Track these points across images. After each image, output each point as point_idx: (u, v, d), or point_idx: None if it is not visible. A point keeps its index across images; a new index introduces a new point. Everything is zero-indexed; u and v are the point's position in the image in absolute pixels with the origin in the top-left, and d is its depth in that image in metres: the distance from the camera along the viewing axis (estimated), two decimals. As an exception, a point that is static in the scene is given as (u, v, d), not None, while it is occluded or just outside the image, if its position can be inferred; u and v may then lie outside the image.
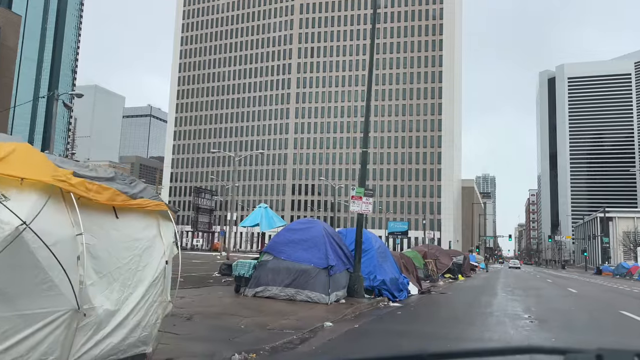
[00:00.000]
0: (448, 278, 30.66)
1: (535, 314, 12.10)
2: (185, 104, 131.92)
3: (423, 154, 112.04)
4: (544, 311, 13.16)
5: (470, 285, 25.48)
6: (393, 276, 15.23)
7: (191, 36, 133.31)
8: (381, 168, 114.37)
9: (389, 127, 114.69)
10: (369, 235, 15.60)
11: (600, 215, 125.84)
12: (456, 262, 35.53)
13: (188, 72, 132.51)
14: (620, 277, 56.25)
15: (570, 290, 23.12)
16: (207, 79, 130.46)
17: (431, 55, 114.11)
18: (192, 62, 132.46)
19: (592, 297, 19.73)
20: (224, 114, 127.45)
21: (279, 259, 11.87)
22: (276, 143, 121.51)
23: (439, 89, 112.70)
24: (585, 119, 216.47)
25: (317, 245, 11.95)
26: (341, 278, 12.19)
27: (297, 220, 15.16)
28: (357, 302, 12.12)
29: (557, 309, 14.04)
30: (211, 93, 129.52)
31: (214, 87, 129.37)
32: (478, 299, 16.35)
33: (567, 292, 21.71)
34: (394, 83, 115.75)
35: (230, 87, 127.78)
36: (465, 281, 30.29)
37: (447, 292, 18.67)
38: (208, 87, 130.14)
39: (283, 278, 11.60)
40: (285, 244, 12.10)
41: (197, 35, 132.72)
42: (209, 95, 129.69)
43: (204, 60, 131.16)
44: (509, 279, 35.77)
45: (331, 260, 11.61)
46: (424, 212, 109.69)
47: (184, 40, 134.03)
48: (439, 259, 30.72)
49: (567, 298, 18.36)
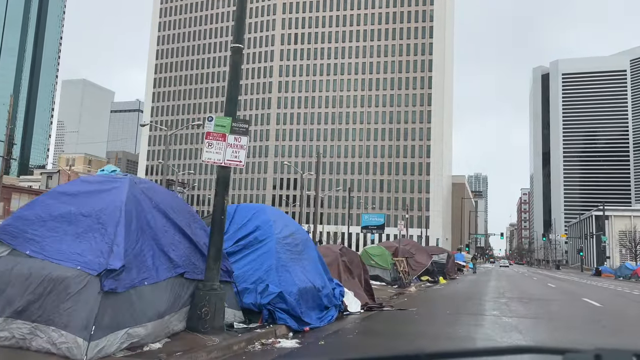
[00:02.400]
0: (425, 281, 24.53)
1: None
2: (161, 92, 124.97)
3: (411, 147, 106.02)
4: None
5: (449, 293, 19.27)
6: (309, 285, 8.98)
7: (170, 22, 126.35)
8: (367, 161, 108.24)
9: (376, 118, 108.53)
10: (267, 212, 9.38)
11: (596, 214, 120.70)
12: (438, 261, 29.46)
13: (165, 59, 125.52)
14: (624, 279, 50.70)
15: (591, 303, 16.17)
16: (184, 67, 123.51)
17: (421, 43, 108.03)
18: (169, 49, 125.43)
19: (633, 317, 13.50)
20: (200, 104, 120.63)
21: (20, 255, 5.58)
22: (257, 135, 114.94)
23: (428, 78, 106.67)
24: (580, 116, 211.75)
25: (103, 226, 5.67)
26: (156, 296, 5.86)
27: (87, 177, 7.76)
28: (199, 347, 5.89)
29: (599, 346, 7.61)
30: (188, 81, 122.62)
31: (191, 76, 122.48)
32: (453, 324, 10.08)
33: (586, 306, 15.27)
34: (381, 72, 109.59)
35: (208, 75, 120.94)
36: (446, 285, 24.10)
37: (410, 308, 12.41)
38: (185, 75, 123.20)
39: (13, 297, 5.31)
40: (43, 222, 5.81)
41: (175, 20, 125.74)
42: (186, 83, 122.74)
43: (181, 47, 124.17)
44: (501, 282, 29.66)
45: (116, 258, 5.33)
46: (412, 209, 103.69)
47: (161, 25, 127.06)
48: (415, 257, 24.57)
49: (596, 320, 11.87)
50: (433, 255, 29.80)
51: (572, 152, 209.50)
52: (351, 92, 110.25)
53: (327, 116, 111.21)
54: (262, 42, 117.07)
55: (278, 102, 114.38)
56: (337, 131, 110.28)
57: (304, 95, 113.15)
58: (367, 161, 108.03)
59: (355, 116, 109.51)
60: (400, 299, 14.93)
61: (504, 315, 11.44)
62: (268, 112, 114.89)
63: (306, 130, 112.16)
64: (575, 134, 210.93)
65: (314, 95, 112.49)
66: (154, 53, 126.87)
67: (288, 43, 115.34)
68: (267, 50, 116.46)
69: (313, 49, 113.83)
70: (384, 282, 20.12)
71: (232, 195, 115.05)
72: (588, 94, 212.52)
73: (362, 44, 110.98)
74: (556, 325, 10.50)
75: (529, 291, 21.60)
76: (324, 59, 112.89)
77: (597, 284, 34.46)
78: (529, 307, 13.77)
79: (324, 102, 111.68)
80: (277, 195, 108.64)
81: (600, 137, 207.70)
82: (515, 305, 14.22)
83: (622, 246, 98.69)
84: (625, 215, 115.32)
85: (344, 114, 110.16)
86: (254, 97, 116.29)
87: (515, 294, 18.93)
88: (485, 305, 14.01)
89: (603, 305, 15.58)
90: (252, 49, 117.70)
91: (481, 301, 15.38)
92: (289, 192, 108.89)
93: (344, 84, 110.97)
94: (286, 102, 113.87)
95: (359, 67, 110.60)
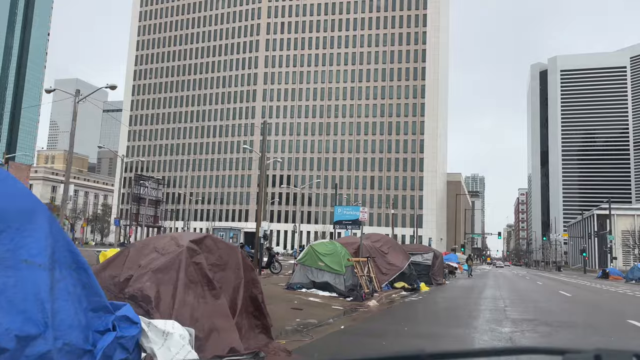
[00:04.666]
0: (401, 288, 18.51)
1: None
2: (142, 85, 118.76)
3: (404, 141, 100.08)
4: None
5: (423, 312, 13.09)
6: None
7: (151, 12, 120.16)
8: (357, 157, 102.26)
9: (367, 111, 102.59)
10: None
11: (598, 212, 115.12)
12: (421, 262, 23.46)
13: (147, 50, 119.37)
14: (637, 283, 44.92)
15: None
16: (165, 58, 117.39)
17: (414, 32, 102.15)
18: (152, 39, 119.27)
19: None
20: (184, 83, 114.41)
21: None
22: (241, 129, 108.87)
23: (422, 69, 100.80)
24: (578, 113, 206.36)
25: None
26: None
27: None
28: None
29: None
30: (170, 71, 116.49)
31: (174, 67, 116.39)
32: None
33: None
34: (372, 63, 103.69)
35: (192, 66, 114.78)
36: (426, 295, 17.98)
37: (320, 357, 6.31)
38: (167, 66, 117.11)
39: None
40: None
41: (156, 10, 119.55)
42: (168, 75, 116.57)
43: (164, 37, 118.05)
44: (501, 289, 23.58)
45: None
46: (404, 207, 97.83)
47: (142, 14, 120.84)
48: (387, 258, 18.56)
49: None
50: (413, 256, 23.78)
51: (571, 151, 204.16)
52: (340, 83, 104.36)
53: (314, 109, 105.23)
54: (247, 32, 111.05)
55: (263, 94, 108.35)
56: (326, 125, 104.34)
57: (290, 88, 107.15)
58: (357, 157, 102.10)
59: (345, 109, 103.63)
60: (335, 325, 8.95)
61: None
62: (253, 105, 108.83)
63: (293, 124, 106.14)
64: (574, 132, 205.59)
65: (302, 87, 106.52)
66: (134, 44, 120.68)
67: (274, 32, 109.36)
68: (252, 40, 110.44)
69: (300, 39, 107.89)
70: (335, 292, 14.13)
71: (217, 192, 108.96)
72: (587, 91, 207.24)
73: (352, 33, 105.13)
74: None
75: (542, 305, 15.53)
76: (311, 49, 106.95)
77: (617, 290, 28.49)
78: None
79: (312, 95, 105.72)
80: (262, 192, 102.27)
81: (600, 135, 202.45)
82: (532, 340, 8.15)
83: (626, 246, 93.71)
84: (629, 214, 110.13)
85: (333, 106, 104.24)
86: (238, 89, 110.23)
87: (524, 313, 12.81)
88: (476, 341, 7.86)
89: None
90: (236, 38, 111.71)
91: (469, 330, 9.31)
92: (274, 189, 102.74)
93: (332, 75, 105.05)
94: (272, 94, 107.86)
95: (349, 57, 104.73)
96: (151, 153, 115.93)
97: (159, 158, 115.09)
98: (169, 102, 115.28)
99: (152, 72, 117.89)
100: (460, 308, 13.47)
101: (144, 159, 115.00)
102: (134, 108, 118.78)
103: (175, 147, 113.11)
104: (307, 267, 14.73)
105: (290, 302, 11.81)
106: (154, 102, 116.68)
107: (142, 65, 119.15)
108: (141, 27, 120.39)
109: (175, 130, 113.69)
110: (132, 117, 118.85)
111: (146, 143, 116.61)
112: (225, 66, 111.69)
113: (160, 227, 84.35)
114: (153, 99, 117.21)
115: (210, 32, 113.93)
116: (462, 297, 18.20)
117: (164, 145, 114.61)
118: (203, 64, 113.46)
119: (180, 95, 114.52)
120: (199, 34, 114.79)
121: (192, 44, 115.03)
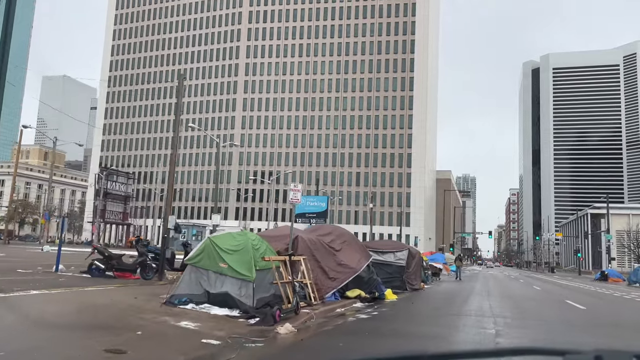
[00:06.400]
0: (355, 298, 13.60)
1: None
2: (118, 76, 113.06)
3: (391, 136, 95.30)
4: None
5: (353, 350, 7.88)
6: None
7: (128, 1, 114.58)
8: (342, 152, 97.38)
9: (352, 104, 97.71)
10: None
11: (592, 212, 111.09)
12: (391, 262, 18.62)
13: (124, 39, 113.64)
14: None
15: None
16: (143, 48, 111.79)
17: (402, 22, 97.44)
18: (129, 28, 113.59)
19: None
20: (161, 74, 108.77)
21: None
22: (221, 121, 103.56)
23: (410, 60, 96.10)
24: (571, 112, 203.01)
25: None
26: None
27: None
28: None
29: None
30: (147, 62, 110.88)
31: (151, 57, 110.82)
32: None
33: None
34: (359, 54, 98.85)
35: (170, 56, 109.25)
36: (383, 312, 12.45)
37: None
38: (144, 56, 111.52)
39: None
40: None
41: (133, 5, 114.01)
42: (145, 66, 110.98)
43: (140, 26, 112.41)
44: (493, 300, 18.55)
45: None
46: (391, 204, 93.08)
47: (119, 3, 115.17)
48: (337, 256, 13.65)
49: None
50: (383, 254, 18.87)
51: (563, 150, 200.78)
52: (325, 75, 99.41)
53: (297, 102, 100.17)
54: (228, 21, 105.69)
55: (245, 85, 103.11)
56: (310, 118, 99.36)
57: (273, 79, 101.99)
58: (343, 152, 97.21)
59: (330, 102, 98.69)
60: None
61: None
62: (234, 97, 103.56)
63: (275, 117, 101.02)
64: (566, 131, 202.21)
65: (284, 79, 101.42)
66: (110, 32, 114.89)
67: (257, 21, 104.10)
68: (233, 29, 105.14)
69: (284, 28, 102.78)
70: (238, 308, 9.17)
71: (195, 189, 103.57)
72: (580, 90, 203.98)
73: (337, 22, 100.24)
74: None
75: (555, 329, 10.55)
76: (295, 39, 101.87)
77: (631, 296, 23.79)
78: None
79: (295, 87, 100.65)
80: (243, 189, 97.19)
81: (592, 134, 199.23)
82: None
83: (621, 246, 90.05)
84: (623, 213, 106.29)
85: (317, 99, 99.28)
86: (218, 80, 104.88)
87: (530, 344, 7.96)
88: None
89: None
90: (217, 27, 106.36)
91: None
92: (255, 186, 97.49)
93: (317, 66, 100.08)
94: (253, 86, 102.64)
95: (334, 48, 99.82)
96: (127, 148, 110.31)
97: (135, 152, 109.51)
98: (146, 93, 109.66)
99: (129, 62, 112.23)
100: (424, 338, 8.53)
101: (114, 154, 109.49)
102: (110, 100, 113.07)
103: (152, 141, 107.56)
104: (201, 271, 9.77)
105: (134, 330, 6.89)
106: (130, 95, 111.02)
107: (118, 55, 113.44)
108: (118, 15, 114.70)
109: (152, 124, 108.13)
110: (108, 109, 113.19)
111: (122, 137, 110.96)
112: (205, 57, 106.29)
113: (130, 225, 78.94)
114: (129, 90, 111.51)
115: (189, 20, 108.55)
116: (436, 311, 13.25)
117: (140, 140, 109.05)
118: (182, 54, 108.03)
119: (158, 87, 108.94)
120: (177, 22, 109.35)
121: (171, 34, 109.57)
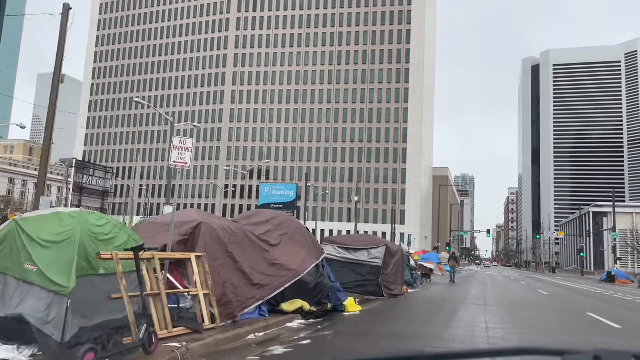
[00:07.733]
0: (294, 312, 9.36)
1: None
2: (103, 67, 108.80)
3: (385, 129, 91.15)
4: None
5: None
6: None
7: None
8: (334, 147, 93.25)
9: (345, 97, 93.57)
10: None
11: (594, 210, 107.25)
12: (363, 262, 14.52)
13: (108, 29, 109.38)
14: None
15: None
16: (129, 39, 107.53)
17: (398, 11, 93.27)
18: (114, 18, 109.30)
19: None
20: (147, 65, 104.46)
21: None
22: (209, 115, 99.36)
23: (406, 51, 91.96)
24: (571, 109, 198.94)
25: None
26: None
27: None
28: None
29: None
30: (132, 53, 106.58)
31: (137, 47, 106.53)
32: None
33: None
34: (352, 44, 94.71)
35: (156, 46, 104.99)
36: (310, 343, 7.96)
37: None
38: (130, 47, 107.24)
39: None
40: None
41: None
42: (131, 57, 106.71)
43: (126, 15, 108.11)
44: (488, 312, 14.25)
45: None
46: (385, 201, 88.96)
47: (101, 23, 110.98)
48: (271, 253, 9.39)
49: None
50: (355, 252, 14.68)
51: (563, 148, 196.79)
52: (317, 66, 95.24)
53: (288, 94, 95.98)
54: (216, 9, 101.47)
55: (233, 77, 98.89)
56: (301, 111, 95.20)
57: (262, 70, 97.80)
58: (335, 146, 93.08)
59: (322, 94, 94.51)
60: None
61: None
62: (222, 89, 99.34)
63: (265, 110, 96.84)
64: (567, 128, 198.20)
65: (275, 70, 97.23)
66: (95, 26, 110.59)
67: (246, 10, 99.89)
68: (221, 18, 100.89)
69: (274, 17, 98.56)
70: (34, 344, 4.95)
71: (181, 185, 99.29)
72: (580, 87, 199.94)
73: (330, 11, 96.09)
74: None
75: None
76: (286, 28, 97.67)
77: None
78: None
79: (286, 78, 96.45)
80: (231, 184, 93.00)
81: (593, 132, 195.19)
82: None
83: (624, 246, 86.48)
84: (627, 212, 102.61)
85: (309, 91, 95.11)
86: (206, 71, 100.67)
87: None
88: None
89: None
90: (204, 17, 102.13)
91: None
92: (243, 182, 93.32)
93: (309, 57, 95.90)
94: (242, 78, 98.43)
95: (327, 38, 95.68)
96: (111, 142, 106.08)
97: (119, 147, 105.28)
98: (131, 86, 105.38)
99: (114, 53, 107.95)
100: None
101: (98, 148, 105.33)
102: (94, 93, 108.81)
103: (137, 135, 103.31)
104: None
105: None
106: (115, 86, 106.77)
107: (103, 46, 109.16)
108: (102, 4, 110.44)
109: (137, 117, 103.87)
110: (92, 102, 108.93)
111: (106, 130, 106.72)
112: (192, 47, 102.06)
113: (108, 221, 74.95)
114: (114, 82, 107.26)
115: (176, 10, 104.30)
116: (404, 336, 8.96)
117: (125, 133, 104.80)
118: (169, 45, 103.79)
119: (144, 79, 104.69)
120: (164, 12, 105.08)
121: (157, 23, 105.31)
